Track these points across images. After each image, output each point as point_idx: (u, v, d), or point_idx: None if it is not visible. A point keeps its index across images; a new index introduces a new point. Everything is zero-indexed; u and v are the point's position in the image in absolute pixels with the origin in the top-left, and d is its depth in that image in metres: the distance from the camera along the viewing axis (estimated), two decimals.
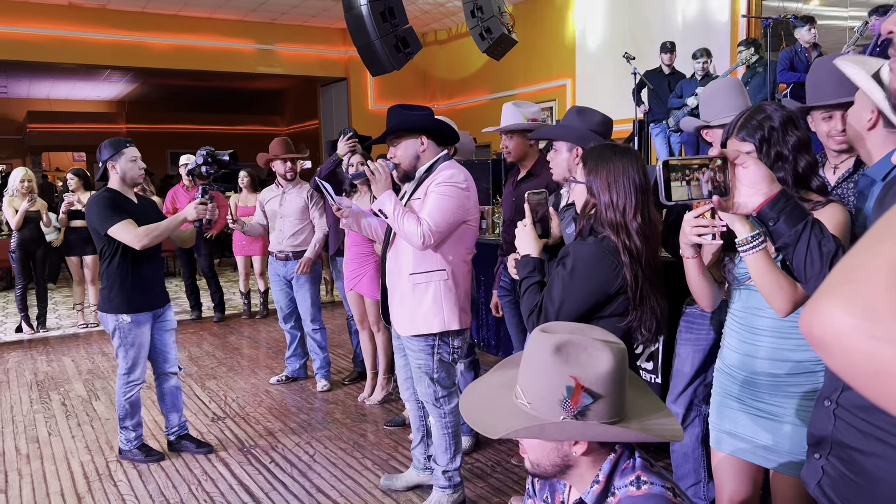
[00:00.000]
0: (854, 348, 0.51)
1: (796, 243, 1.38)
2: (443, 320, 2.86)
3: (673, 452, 2.83)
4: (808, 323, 0.55)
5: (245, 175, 7.30)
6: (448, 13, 12.04)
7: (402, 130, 2.86)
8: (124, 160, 3.58)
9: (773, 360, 1.83)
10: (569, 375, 1.24)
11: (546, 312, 1.97)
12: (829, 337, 0.53)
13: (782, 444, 1.83)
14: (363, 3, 5.88)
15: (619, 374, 1.26)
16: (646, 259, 1.95)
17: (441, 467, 3.03)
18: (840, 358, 0.53)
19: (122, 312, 3.53)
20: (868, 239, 0.55)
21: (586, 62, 10.40)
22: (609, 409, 1.26)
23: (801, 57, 6.27)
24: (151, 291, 3.65)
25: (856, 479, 1.18)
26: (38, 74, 15.15)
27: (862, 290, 0.51)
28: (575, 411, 1.25)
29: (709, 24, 8.55)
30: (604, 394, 1.25)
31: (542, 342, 1.29)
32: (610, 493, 1.30)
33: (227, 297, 8.67)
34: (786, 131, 1.79)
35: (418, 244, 2.74)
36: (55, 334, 6.98)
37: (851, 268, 0.54)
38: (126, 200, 3.59)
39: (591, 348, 1.26)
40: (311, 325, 4.92)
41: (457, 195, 2.79)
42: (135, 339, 3.58)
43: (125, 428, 3.71)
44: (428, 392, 2.97)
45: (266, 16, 11.99)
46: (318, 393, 4.83)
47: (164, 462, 3.71)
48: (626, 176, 1.93)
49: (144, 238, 3.46)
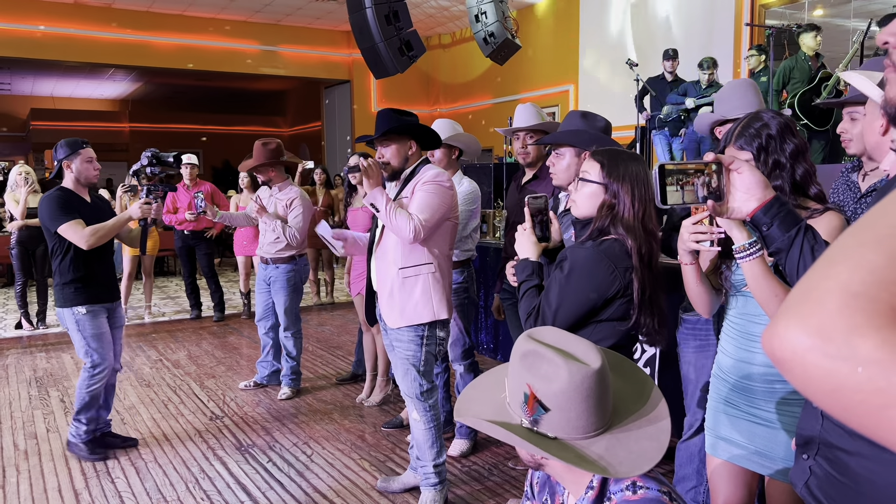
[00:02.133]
0: (811, 366, 0.54)
1: (789, 248, 1.40)
2: (432, 310, 3.01)
3: (678, 451, 2.81)
4: (769, 342, 0.58)
5: (245, 176, 7.30)
6: (452, 17, 12.07)
7: (396, 133, 3.01)
8: (80, 160, 3.66)
9: (769, 366, 1.84)
10: (526, 383, 1.27)
11: (543, 315, 1.98)
12: (788, 356, 0.56)
13: (777, 450, 1.84)
14: (368, 5, 5.90)
15: (577, 392, 1.24)
16: (654, 263, 1.97)
17: (430, 463, 3.09)
18: (799, 375, 0.56)
19: (78, 305, 3.59)
20: (823, 260, 0.58)
21: (589, 68, 10.43)
22: (564, 425, 1.25)
23: (805, 66, 6.28)
24: (103, 286, 3.73)
25: (841, 479, 1.20)
26: (43, 72, 15.20)
27: (816, 311, 0.55)
28: (531, 417, 1.27)
29: (712, 32, 8.58)
30: (554, 409, 1.24)
31: (519, 345, 1.32)
32: (606, 499, 1.30)
33: (228, 297, 8.69)
34: (783, 139, 1.80)
35: (409, 238, 2.88)
36: (54, 331, 6.99)
37: (807, 289, 0.57)
38: (79, 200, 3.64)
39: (552, 363, 1.25)
40: (283, 332, 4.83)
41: (443, 193, 2.97)
42: (95, 329, 3.63)
43: (78, 420, 3.74)
44: (413, 385, 3.05)
45: (270, 17, 12.02)
46: (280, 399, 4.80)
47: (161, 460, 3.71)
48: (644, 181, 1.97)
49: (91, 238, 3.54)
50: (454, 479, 3.45)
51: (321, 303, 8.33)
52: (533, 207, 2.15)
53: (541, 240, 2.14)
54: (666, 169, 1.41)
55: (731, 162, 1.41)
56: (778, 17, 8.07)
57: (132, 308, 7.78)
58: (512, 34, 6.87)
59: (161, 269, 11.03)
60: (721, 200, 1.41)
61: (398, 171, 3.06)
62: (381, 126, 3.01)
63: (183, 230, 7.21)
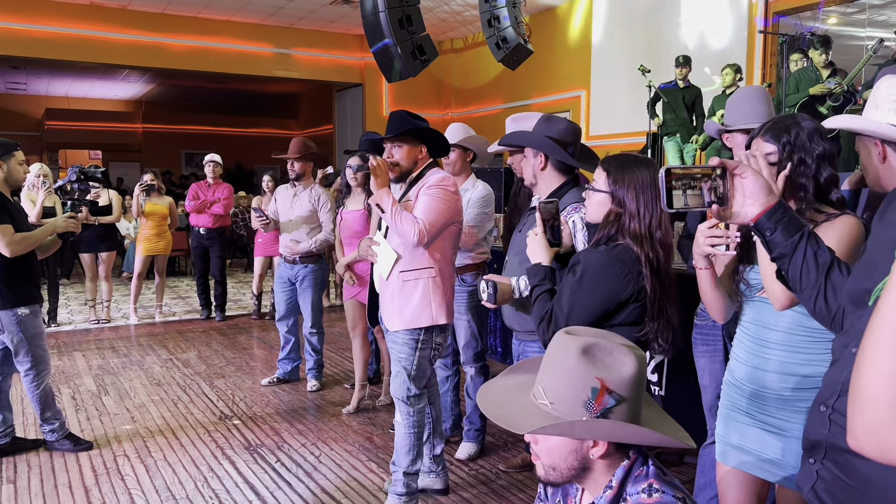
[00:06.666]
0: None
1: (792, 253, 1.40)
2: (431, 315, 2.99)
3: (700, 457, 2.77)
4: (877, 448, 0.54)
5: (269, 179, 7.37)
6: (465, 22, 12.10)
7: (410, 136, 3.01)
8: (14, 162, 3.64)
9: (782, 373, 1.83)
10: (594, 377, 1.27)
11: (556, 320, 1.98)
12: None
13: (788, 458, 1.83)
14: (381, 9, 5.93)
15: (640, 378, 1.30)
16: (664, 270, 1.96)
17: (401, 469, 3.06)
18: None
19: (20, 305, 3.58)
20: None
21: (601, 74, 10.42)
22: (629, 413, 1.30)
23: (811, 76, 6.26)
24: (36, 287, 3.75)
25: (849, 482, 1.20)
26: (58, 72, 15.34)
27: None
28: (598, 412, 1.27)
29: (725, 39, 8.56)
30: (626, 396, 1.28)
31: (568, 344, 1.31)
32: (622, 500, 1.31)
33: (237, 298, 8.74)
34: (812, 140, 1.79)
35: (413, 241, 2.88)
36: (66, 329, 7.04)
37: None
38: (10, 202, 3.63)
39: (617, 352, 1.29)
40: (309, 329, 4.99)
41: (447, 198, 2.96)
42: (36, 329, 3.64)
43: (47, 420, 3.77)
44: (402, 388, 3.05)
45: (284, 20, 12.09)
46: (310, 393, 4.89)
47: (171, 458, 3.74)
48: (651, 186, 1.95)
49: (17, 246, 3.51)
50: (461, 482, 3.45)
51: (330, 304, 8.36)
52: (545, 212, 2.15)
53: (552, 244, 2.14)
54: (672, 173, 1.42)
55: (736, 167, 1.41)
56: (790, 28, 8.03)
57: (142, 307, 7.83)
58: (524, 39, 6.89)
59: (172, 268, 11.09)
60: (725, 205, 1.42)
61: (406, 174, 3.06)
62: (395, 127, 3.00)
63: (199, 230, 7.25)
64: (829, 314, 1.42)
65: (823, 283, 1.39)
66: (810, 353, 1.80)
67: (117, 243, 7.73)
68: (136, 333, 6.90)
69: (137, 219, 7.76)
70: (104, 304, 7.32)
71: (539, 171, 2.61)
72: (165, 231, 7.38)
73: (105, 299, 7.32)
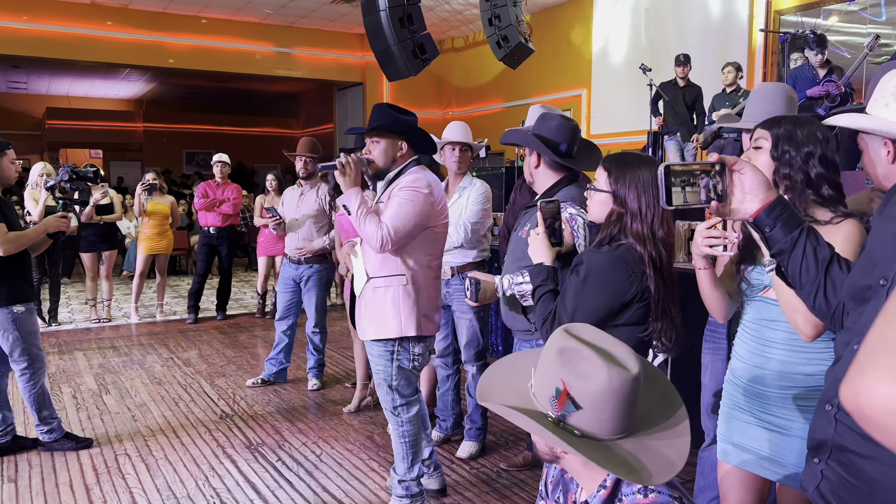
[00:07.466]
0: None
1: (792, 249, 1.40)
2: (399, 326, 2.82)
3: (700, 460, 2.76)
4: (854, 400, 0.53)
5: (273, 178, 7.35)
6: (466, 21, 12.09)
7: (388, 130, 2.86)
8: (6, 161, 3.63)
9: (784, 372, 1.83)
10: (560, 378, 1.26)
11: (560, 320, 1.97)
12: (882, 414, 0.51)
13: (789, 457, 1.83)
14: (382, 8, 5.93)
15: (613, 395, 1.24)
16: (666, 269, 1.96)
17: (398, 476, 3.02)
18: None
19: (14, 303, 3.57)
20: None
21: (602, 73, 10.42)
22: (597, 425, 1.25)
23: (808, 74, 6.25)
24: (30, 284, 3.75)
25: (854, 483, 1.20)
26: (59, 71, 15.35)
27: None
28: (559, 413, 1.26)
29: (727, 37, 8.55)
30: (587, 408, 1.24)
31: (556, 339, 1.31)
32: (617, 499, 1.31)
33: (238, 297, 8.74)
34: (808, 138, 1.79)
35: (377, 247, 2.74)
36: (67, 328, 7.05)
37: (891, 339, 0.52)
38: (2, 200, 3.63)
39: (591, 363, 1.25)
40: (312, 328, 5.00)
41: (418, 200, 2.77)
42: (31, 327, 3.64)
43: (44, 420, 3.76)
44: (386, 399, 2.95)
45: (285, 19, 12.09)
46: (311, 392, 4.90)
47: (171, 457, 3.74)
48: (653, 185, 1.93)
49: (9, 244, 3.50)
50: (462, 481, 3.45)
51: (332, 303, 8.36)
52: (546, 212, 2.15)
53: (554, 244, 2.14)
54: (671, 170, 1.41)
55: (735, 163, 1.41)
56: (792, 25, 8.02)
57: (143, 306, 7.83)
58: (525, 38, 6.89)
59: (173, 268, 11.09)
60: (724, 201, 1.41)
61: (383, 171, 2.90)
62: (374, 121, 2.86)
63: (209, 229, 7.20)
64: (828, 310, 1.41)
65: (823, 279, 1.39)
66: (812, 351, 1.80)
67: (118, 242, 7.73)
68: (136, 332, 6.90)
69: (139, 218, 7.76)
70: (105, 303, 7.33)
71: (534, 168, 2.61)
72: (167, 230, 7.38)
73: (106, 298, 7.32)
